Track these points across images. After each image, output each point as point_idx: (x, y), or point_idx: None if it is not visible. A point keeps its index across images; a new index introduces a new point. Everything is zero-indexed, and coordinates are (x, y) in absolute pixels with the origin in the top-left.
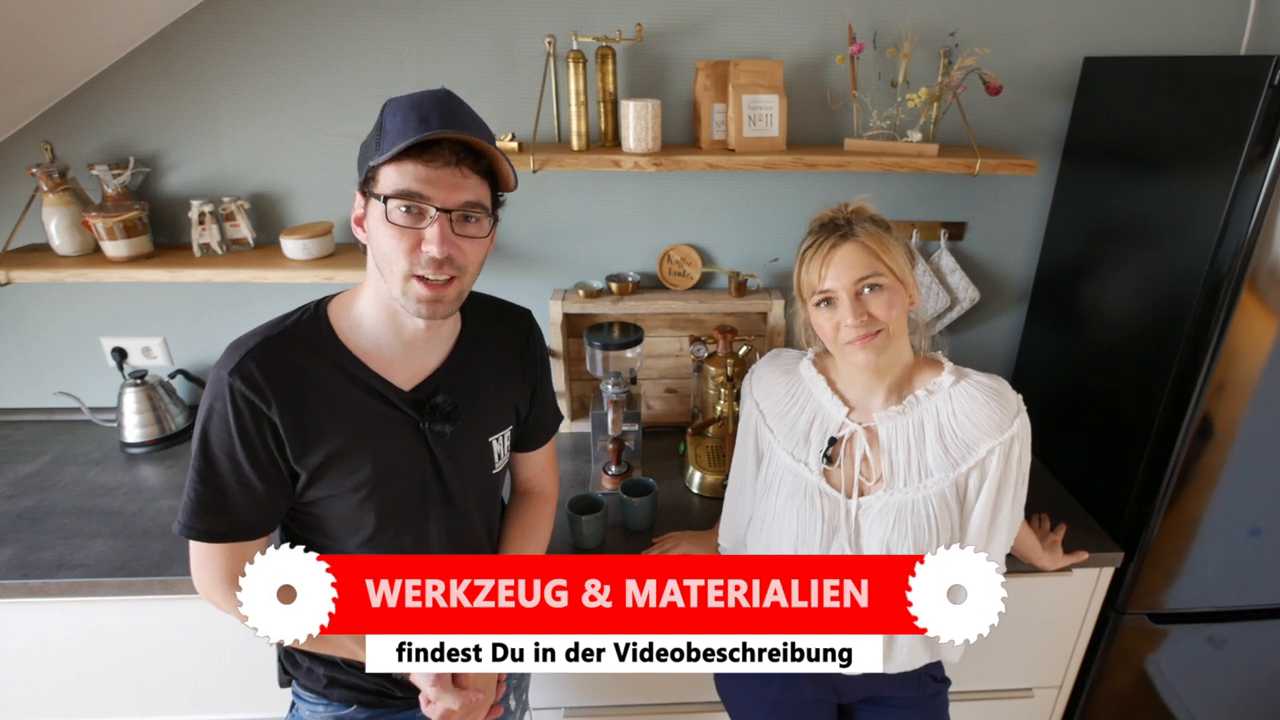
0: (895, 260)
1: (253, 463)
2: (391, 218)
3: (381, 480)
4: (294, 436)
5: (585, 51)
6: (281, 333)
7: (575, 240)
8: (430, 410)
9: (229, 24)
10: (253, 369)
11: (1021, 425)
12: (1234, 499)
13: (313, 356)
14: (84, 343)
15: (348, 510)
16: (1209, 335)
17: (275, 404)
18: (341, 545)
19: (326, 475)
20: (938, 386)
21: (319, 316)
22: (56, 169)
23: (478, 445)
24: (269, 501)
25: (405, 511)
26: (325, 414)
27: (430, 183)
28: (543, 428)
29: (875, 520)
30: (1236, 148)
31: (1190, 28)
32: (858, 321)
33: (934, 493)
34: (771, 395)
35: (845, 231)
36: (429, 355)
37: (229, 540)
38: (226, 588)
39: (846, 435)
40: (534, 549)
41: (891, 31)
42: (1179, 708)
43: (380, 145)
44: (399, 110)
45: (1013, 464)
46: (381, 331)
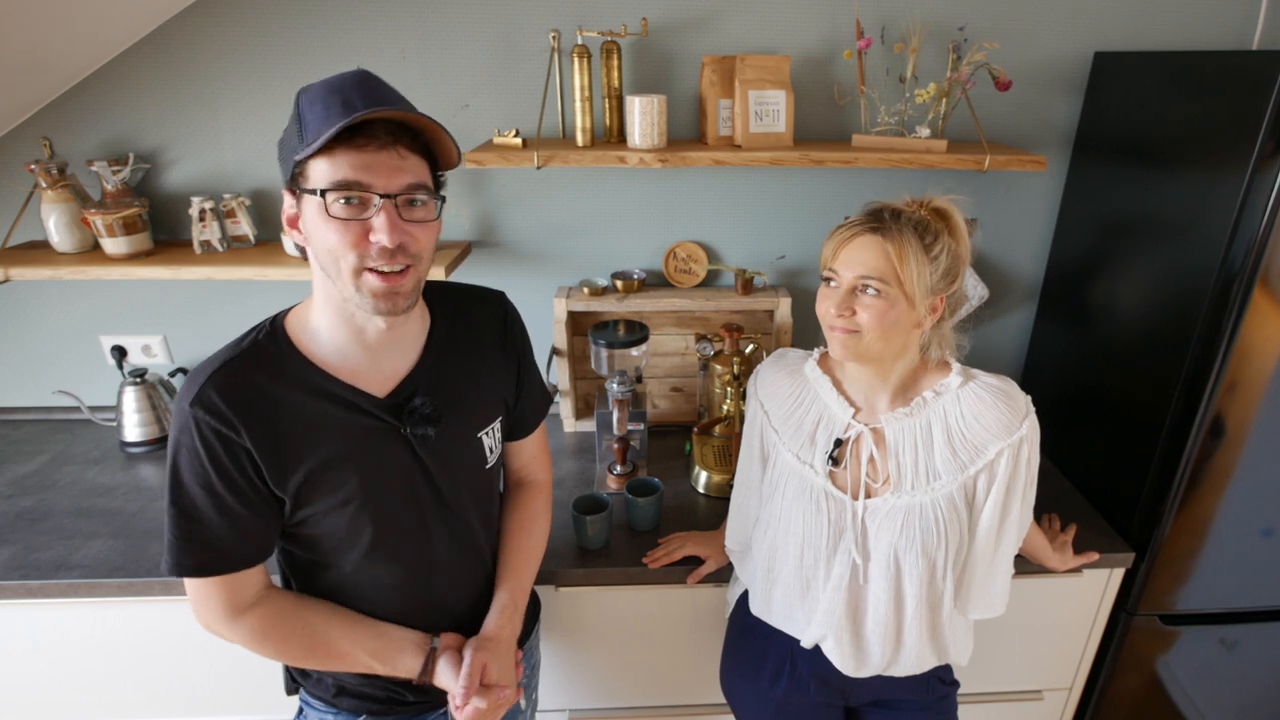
0: (908, 272)
1: (233, 492)
2: (332, 211)
3: (370, 492)
4: (270, 461)
5: (590, 46)
6: (240, 355)
7: (580, 237)
8: (410, 414)
9: (229, 18)
10: (214, 397)
11: (1030, 427)
12: (1246, 499)
13: (276, 376)
14: (83, 341)
15: (340, 527)
16: (1220, 334)
17: (244, 430)
18: (340, 561)
19: (311, 495)
20: (945, 388)
21: (276, 333)
22: (55, 165)
23: (467, 443)
24: (258, 528)
25: (401, 520)
26: (299, 434)
27: (368, 168)
28: (532, 412)
29: (882, 523)
30: (1248, 144)
31: (1201, 22)
32: (839, 313)
33: (942, 495)
34: (776, 396)
35: (876, 225)
36: (399, 357)
37: (221, 572)
38: (230, 620)
39: (852, 437)
40: (534, 544)
41: (900, 26)
42: (1190, 710)
43: (304, 137)
44: (317, 97)
45: (1021, 466)
46: (343, 339)
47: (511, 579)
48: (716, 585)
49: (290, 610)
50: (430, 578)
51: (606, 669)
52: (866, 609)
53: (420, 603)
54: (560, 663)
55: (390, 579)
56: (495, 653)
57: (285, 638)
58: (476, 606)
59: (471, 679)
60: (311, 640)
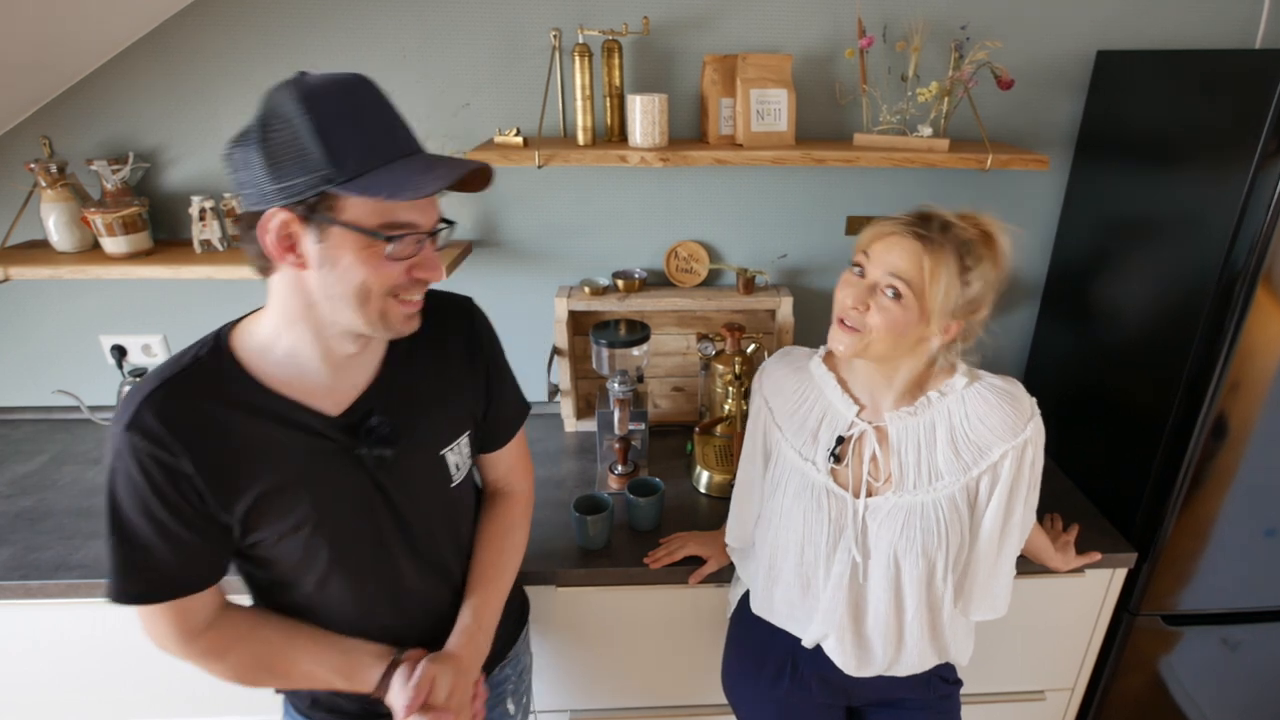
0: (935, 289)
1: (176, 518)
2: (389, 253)
3: (325, 515)
4: (214, 486)
5: (591, 45)
6: (180, 374)
7: (581, 236)
8: (366, 434)
9: (229, 17)
10: (151, 420)
11: (1035, 429)
12: (1248, 499)
13: (219, 395)
14: (83, 340)
15: (295, 550)
16: (1223, 333)
17: (184, 455)
18: (300, 582)
19: (261, 520)
20: (950, 388)
21: (220, 349)
22: (55, 164)
23: (429, 462)
24: (205, 552)
25: (360, 543)
26: (244, 457)
27: (418, 208)
28: (506, 423)
29: (883, 522)
30: (1251, 143)
31: (1204, 21)
32: (854, 305)
33: (944, 495)
34: (781, 393)
35: (922, 232)
36: (358, 373)
37: (168, 598)
38: (183, 642)
39: (855, 434)
40: (506, 559)
41: (902, 25)
42: (1193, 710)
43: (336, 159)
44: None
45: (1025, 468)
46: (307, 358)
47: (476, 597)
48: (718, 585)
49: (247, 630)
50: (396, 597)
51: (607, 669)
52: (867, 608)
53: (387, 622)
54: (561, 663)
55: (353, 600)
56: (451, 672)
57: (241, 658)
58: (448, 626)
59: (418, 690)
60: (271, 660)
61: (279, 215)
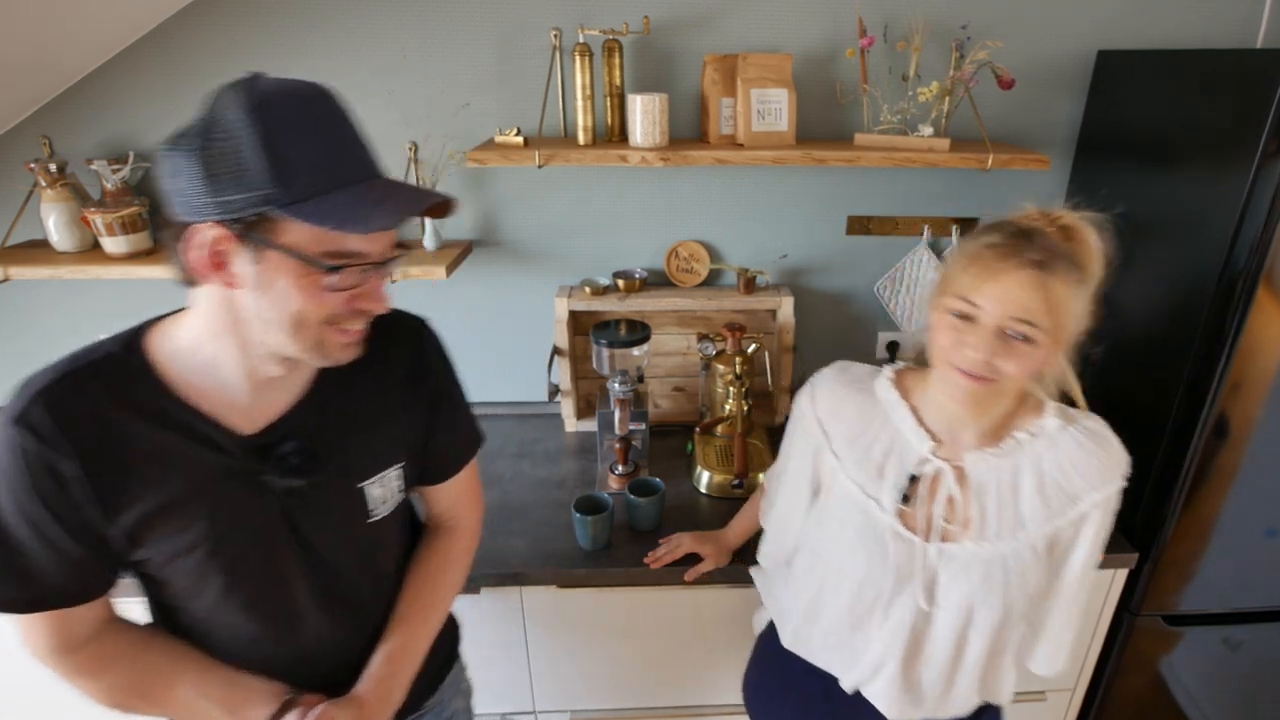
0: (1067, 318)
1: (59, 523)
2: (327, 283)
3: (221, 540)
4: (100, 492)
5: (592, 45)
6: (85, 368)
7: (581, 236)
8: (277, 462)
9: (228, 16)
10: (41, 416)
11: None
12: (1250, 499)
13: (121, 397)
14: (83, 340)
15: (185, 573)
16: (1224, 333)
17: (73, 457)
18: (190, 606)
19: (148, 536)
20: (1041, 430)
21: (133, 349)
22: (55, 164)
23: (346, 494)
24: (91, 562)
25: (259, 572)
26: (138, 466)
27: (369, 237)
28: (452, 456)
29: (958, 573)
30: (1252, 143)
31: (1205, 21)
32: (980, 358)
33: (1025, 545)
34: (840, 415)
35: (1040, 259)
36: (283, 392)
37: (45, 608)
38: (58, 657)
39: (930, 473)
40: (439, 598)
41: (902, 24)
42: (1194, 711)
43: (282, 179)
44: (300, 137)
45: (1110, 516)
46: (229, 373)
47: (394, 641)
48: (717, 585)
49: (129, 650)
50: (296, 635)
51: (608, 669)
52: (922, 653)
53: (286, 659)
54: (561, 663)
55: (248, 631)
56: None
57: (117, 679)
58: (358, 670)
59: None
60: (149, 684)
61: (209, 231)
